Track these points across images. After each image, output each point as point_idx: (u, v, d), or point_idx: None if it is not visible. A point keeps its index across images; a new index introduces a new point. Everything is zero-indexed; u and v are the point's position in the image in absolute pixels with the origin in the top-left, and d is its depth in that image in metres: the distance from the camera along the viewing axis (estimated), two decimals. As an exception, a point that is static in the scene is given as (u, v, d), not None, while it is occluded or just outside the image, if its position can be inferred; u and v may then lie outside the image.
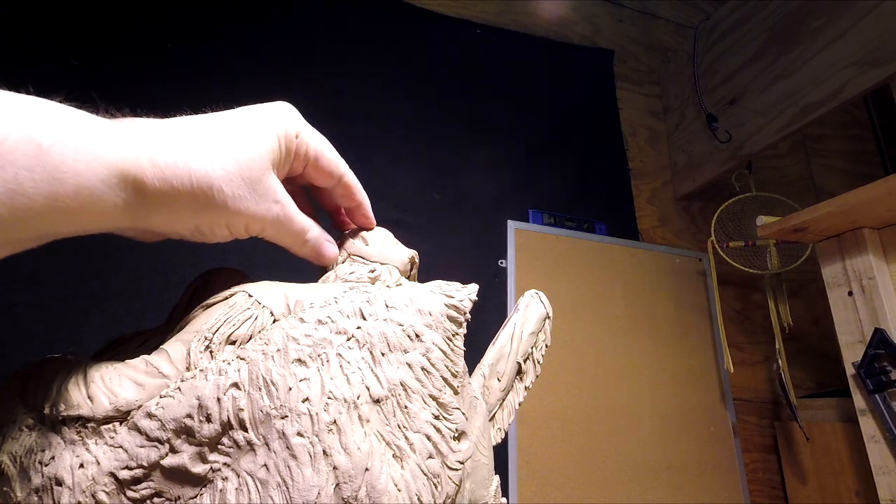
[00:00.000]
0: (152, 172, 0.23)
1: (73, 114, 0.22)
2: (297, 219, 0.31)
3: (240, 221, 0.28)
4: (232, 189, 0.26)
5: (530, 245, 1.33)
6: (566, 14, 1.71)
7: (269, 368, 0.24)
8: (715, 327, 1.43)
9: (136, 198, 0.23)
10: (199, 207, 0.26)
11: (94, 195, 0.21)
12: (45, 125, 0.20)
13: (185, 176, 0.24)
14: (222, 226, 0.27)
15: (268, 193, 0.28)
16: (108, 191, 0.22)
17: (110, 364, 0.26)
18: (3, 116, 0.19)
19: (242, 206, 0.27)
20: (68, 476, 0.23)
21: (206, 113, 0.29)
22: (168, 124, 0.26)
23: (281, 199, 0.30)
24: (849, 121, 1.99)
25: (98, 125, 0.22)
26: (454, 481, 0.25)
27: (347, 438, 0.23)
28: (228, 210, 0.27)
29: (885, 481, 0.95)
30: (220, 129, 0.27)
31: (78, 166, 0.20)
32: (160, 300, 0.98)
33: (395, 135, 1.32)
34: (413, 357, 0.27)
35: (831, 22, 1.17)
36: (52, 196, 0.20)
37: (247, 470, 0.23)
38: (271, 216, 0.29)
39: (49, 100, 0.22)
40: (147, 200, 0.24)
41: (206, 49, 1.22)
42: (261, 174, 0.28)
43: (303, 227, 0.32)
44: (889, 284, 1.01)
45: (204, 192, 0.25)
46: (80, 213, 0.21)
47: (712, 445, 1.32)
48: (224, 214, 0.27)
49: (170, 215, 0.25)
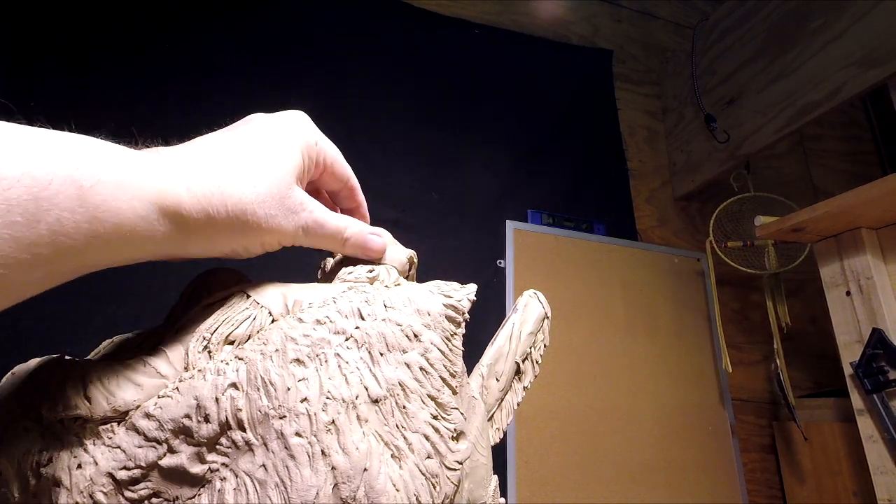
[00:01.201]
0: (190, 204, 0.24)
1: (111, 150, 0.22)
2: (331, 221, 0.32)
3: (273, 238, 0.29)
4: (265, 210, 0.27)
5: (529, 245, 1.33)
6: (565, 14, 1.71)
7: (267, 368, 0.24)
8: (713, 327, 1.43)
9: (176, 228, 0.24)
10: (236, 232, 0.26)
11: (135, 231, 0.22)
12: (86, 165, 0.20)
13: (220, 204, 0.25)
14: (257, 245, 0.28)
15: (297, 206, 0.29)
16: (149, 225, 0.22)
17: (108, 364, 0.26)
18: (46, 157, 0.19)
19: (275, 224, 0.28)
20: (66, 477, 0.23)
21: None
22: (199, 150, 0.26)
23: (309, 207, 0.30)
24: (847, 121, 1.99)
25: (135, 160, 0.23)
26: (453, 481, 0.25)
27: (346, 438, 0.23)
28: (262, 230, 0.27)
29: (883, 481, 0.95)
30: (248, 150, 0.28)
31: (119, 204, 0.21)
32: (158, 300, 0.98)
33: (394, 134, 1.32)
34: (411, 357, 0.27)
35: (829, 22, 1.17)
36: (93, 234, 0.20)
37: (245, 470, 0.23)
38: (303, 227, 0.30)
39: (89, 135, 0.22)
40: (186, 230, 0.24)
41: (205, 49, 1.22)
42: (289, 189, 0.29)
43: (338, 228, 0.32)
44: (887, 284, 1.02)
45: (239, 218, 0.26)
46: (121, 247, 0.22)
47: (710, 445, 1.33)
48: (259, 234, 0.28)
49: (207, 242, 0.26)
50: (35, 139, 0.19)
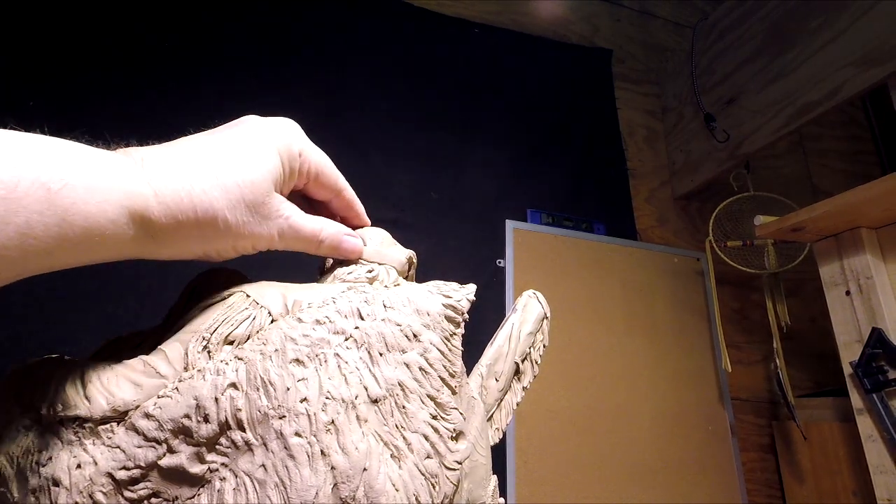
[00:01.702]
0: (158, 209, 0.24)
1: (80, 152, 0.22)
2: (306, 225, 0.31)
3: (246, 243, 0.28)
4: (236, 216, 0.27)
5: (528, 245, 1.33)
6: (564, 13, 1.71)
7: (266, 368, 0.24)
8: (713, 327, 1.43)
9: (145, 233, 0.24)
10: (206, 237, 0.26)
11: (104, 234, 0.22)
12: (55, 167, 0.20)
13: (189, 209, 0.25)
14: (229, 249, 0.28)
15: (272, 213, 0.29)
16: (118, 229, 0.22)
17: (108, 364, 0.26)
18: (14, 159, 0.19)
19: (247, 230, 0.28)
20: (66, 476, 0.23)
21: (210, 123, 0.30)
22: (172, 151, 0.26)
23: (284, 213, 0.30)
24: (846, 120, 1.99)
25: (105, 162, 0.23)
26: (452, 481, 0.25)
27: (345, 438, 0.23)
28: (233, 235, 0.27)
29: (883, 481, 0.96)
30: (224, 152, 0.27)
31: (88, 208, 0.21)
32: (158, 300, 0.98)
33: (393, 134, 1.32)
34: (411, 357, 0.27)
35: (829, 22, 1.17)
36: (62, 237, 0.20)
37: (244, 470, 0.23)
38: (278, 231, 0.29)
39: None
40: (154, 234, 0.24)
41: (205, 50, 1.22)
42: (264, 196, 0.28)
43: (313, 231, 0.32)
44: (886, 284, 1.02)
45: (209, 223, 0.26)
46: (89, 249, 0.22)
47: (710, 445, 1.33)
48: (230, 239, 0.27)
49: (176, 245, 0.26)
50: (2, 142, 0.19)
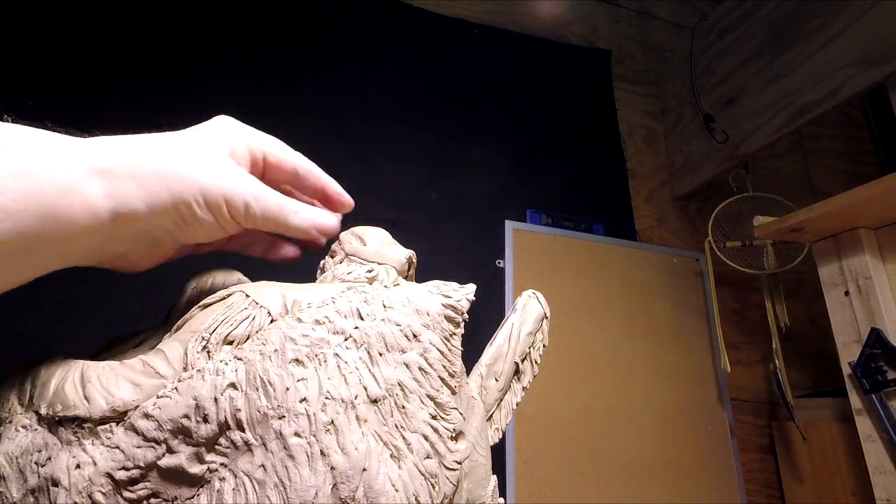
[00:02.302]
0: (121, 162, 0.25)
1: (38, 133, 0.23)
2: (276, 193, 0.30)
3: (216, 194, 0.27)
4: (200, 163, 0.27)
5: (528, 245, 1.33)
6: (563, 14, 1.71)
7: (266, 368, 0.24)
8: (712, 327, 1.43)
9: (108, 183, 0.24)
10: (169, 181, 0.26)
11: (74, 188, 0.23)
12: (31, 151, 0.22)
13: (148, 157, 0.26)
14: (201, 203, 0.27)
15: (235, 169, 0.29)
16: (84, 181, 0.23)
17: (107, 364, 0.26)
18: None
19: (213, 177, 0.27)
20: (65, 477, 0.23)
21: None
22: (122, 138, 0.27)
23: (252, 177, 0.29)
24: (846, 121, 1.99)
25: (63, 139, 0.24)
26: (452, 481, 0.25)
27: (345, 438, 0.23)
28: (200, 182, 0.27)
29: (882, 481, 0.96)
30: (174, 141, 0.28)
31: (55, 173, 0.22)
32: (157, 300, 0.98)
33: (393, 135, 1.32)
34: (411, 357, 0.27)
35: (828, 22, 1.17)
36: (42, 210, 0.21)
37: (244, 470, 0.23)
38: (248, 189, 0.29)
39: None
40: (117, 183, 0.24)
41: (205, 50, 1.22)
42: (222, 156, 0.29)
43: (286, 200, 0.31)
44: (885, 284, 1.02)
45: (169, 169, 0.26)
46: (65, 215, 0.22)
47: (709, 445, 1.33)
48: (197, 186, 0.27)
49: (145, 198, 0.25)
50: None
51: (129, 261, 0.29)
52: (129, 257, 0.29)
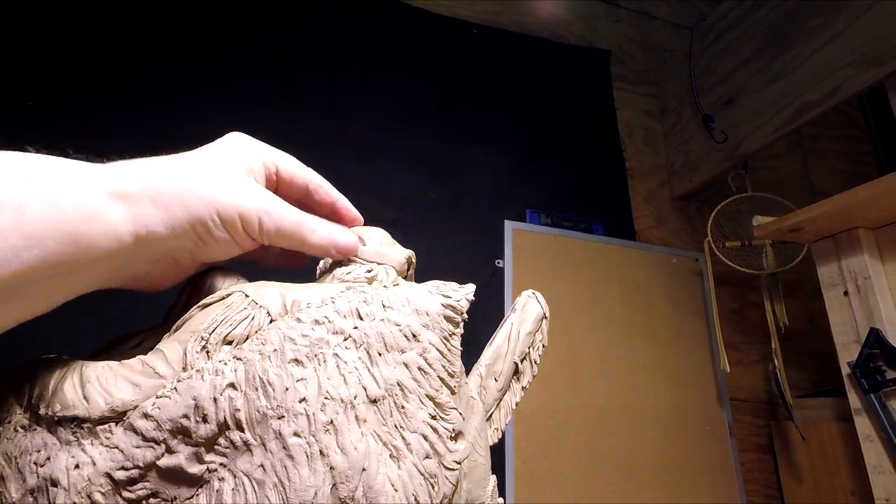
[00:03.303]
0: (139, 185, 0.25)
1: (56, 162, 0.24)
2: (294, 209, 0.31)
3: (231, 212, 0.28)
4: (214, 181, 0.27)
5: (527, 245, 1.33)
6: (563, 14, 1.71)
7: (265, 368, 0.24)
8: (711, 327, 1.43)
9: (128, 207, 0.25)
10: (187, 201, 0.26)
11: (96, 214, 0.23)
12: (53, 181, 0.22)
13: (165, 179, 0.26)
14: (217, 222, 0.27)
15: (251, 185, 0.29)
16: (105, 206, 0.24)
17: (106, 364, 0.26)
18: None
19: (228, 195, 0.27)
20: (64, 477, 0.23)
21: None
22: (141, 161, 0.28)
23: (269, 192, 0.30)
24: (845, 121, 2.00)
25: (83, 165, 0.24)
26: (451, 481, 0.25)
27: (344, 438, 0.23)
28: (216, 200, 0.27)
29: (881, 481, 0.96)
30: (189, 161, 0.28)
31: (77, 199, 0.22)
32: (156, 300, 0.97)
33: (393, 135, 1.32)
34: (410, 357, 0.27)
35: (827, 22, 1.17)
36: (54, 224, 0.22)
37: (243, 470, 0.23)
38: (262, 205, 0.29)
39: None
40: (137, 207, 0.25)
41: (204, 51, 1.22)
42: (238, 173, 0.29)
43: (304, 217, 0.31)
44: (884, 284, 1.02)
45: (186, 189, 0.26)
46: (88, 240, 0.23)
47: (708, 445, 1.33)
48: (213, 205, 0.27)
49: (164, 220, 0.26)
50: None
51: (151, 281, 0.30)
52: (151, 278, 0.30)
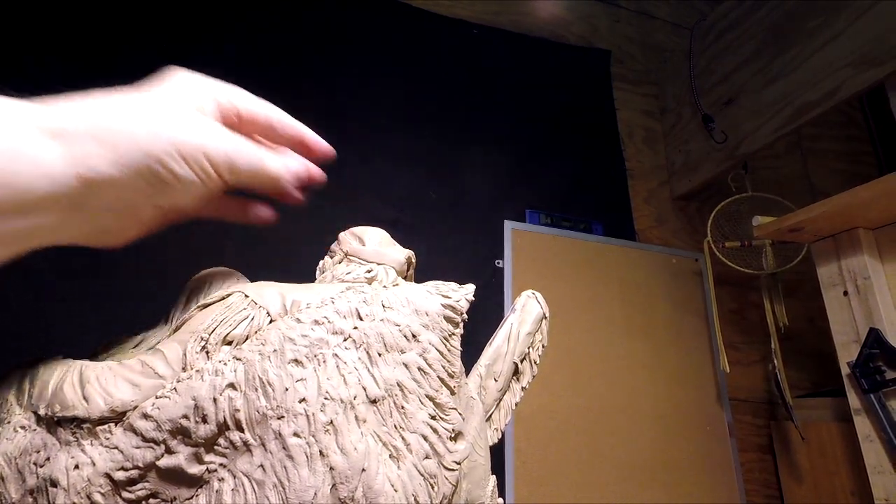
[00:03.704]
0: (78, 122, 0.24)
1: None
2: (252, 144, 0.29)
3: (193, 148, 0.26)
4: (171, 118, 0.26)
5: (527, 245, 1.33)
6: (563, 14, 1.71)
7: (265, 369, 0.24)
8: (711, 327, 1.43)
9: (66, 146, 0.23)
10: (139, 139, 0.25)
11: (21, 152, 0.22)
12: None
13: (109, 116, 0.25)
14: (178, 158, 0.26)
15: (210, 122, 0.28)
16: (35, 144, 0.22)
17: (106, 365, 0.26)
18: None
19: (187, 132, 0.26)
20: (63, 477, 0.23)
21: None
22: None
23: (227, 130, 0.28)
24: (845, 121, 2.00)
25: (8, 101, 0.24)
26: (451, 481, 0.25)
27: (344, 439, 0.23)
28: (174, 137, 0.26)
29: (880, 481, 0.96)
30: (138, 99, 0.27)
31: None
32: (157, 300, 0.97)
33: (393, 135, 1.32)
34: (410, 357, 0.27)
35: (827, 22, 1.17)
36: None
37: (243, 470, 0.23)
38: (229, 142, 0.28)
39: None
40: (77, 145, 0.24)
41: (203, 49, 1.22)
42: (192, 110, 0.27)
43: (263, 150, 0.29)
44: (884, 284, 1.02)
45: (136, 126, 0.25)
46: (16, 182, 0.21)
47: (708, 445, 1.33)
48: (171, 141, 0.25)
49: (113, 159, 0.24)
50: None
51: (111, 233, 0.27)
52: (110, 229, 0.27)
